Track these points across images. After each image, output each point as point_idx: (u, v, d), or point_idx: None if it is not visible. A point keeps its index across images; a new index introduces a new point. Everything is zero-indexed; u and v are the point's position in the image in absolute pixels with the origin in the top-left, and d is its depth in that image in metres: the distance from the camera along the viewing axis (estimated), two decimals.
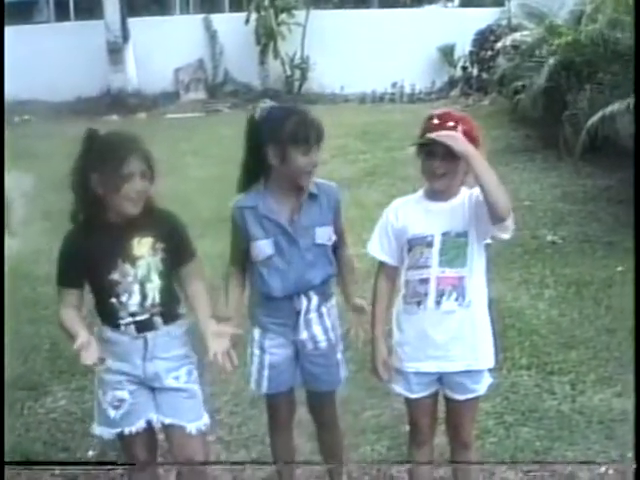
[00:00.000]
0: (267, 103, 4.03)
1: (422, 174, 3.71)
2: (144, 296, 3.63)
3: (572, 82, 11.68)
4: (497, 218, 3.52)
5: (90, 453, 4.88)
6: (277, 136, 3.65)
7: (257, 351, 3.96)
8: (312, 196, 3.81)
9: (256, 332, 3.96)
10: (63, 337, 6.29)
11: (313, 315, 3.87)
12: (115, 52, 19.32)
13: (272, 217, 3.78)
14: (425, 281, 3.69)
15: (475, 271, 3.70)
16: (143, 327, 3.67)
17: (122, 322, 3.64)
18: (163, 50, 19.23)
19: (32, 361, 6.11)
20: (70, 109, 18.45)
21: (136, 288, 3.62)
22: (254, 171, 3.83)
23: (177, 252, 3.72)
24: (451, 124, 3.61)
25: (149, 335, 3.68)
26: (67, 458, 4.83)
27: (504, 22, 17.70)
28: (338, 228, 3.92)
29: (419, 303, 3.72)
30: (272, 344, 3.93)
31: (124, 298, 3.62)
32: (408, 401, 3.93)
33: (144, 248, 3.61)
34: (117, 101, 18.70)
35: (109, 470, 4.65)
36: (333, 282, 4.03)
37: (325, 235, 3.84)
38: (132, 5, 20.66)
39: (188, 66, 20.27)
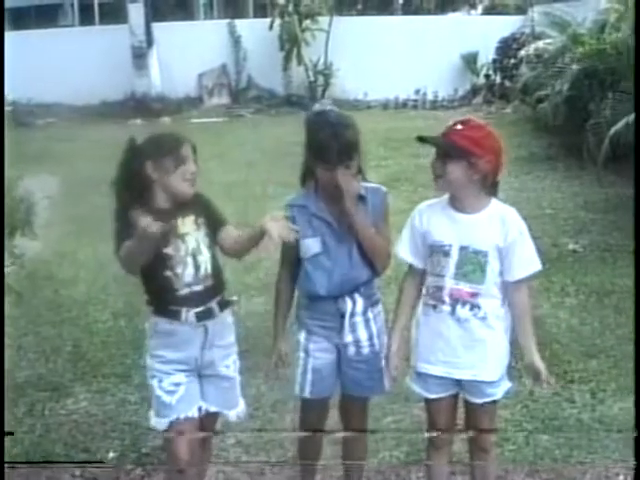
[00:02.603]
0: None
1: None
2: (197, 267, 3.80)
3: (595, 90, 11.64)
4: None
5: (110, 455, 4.90)
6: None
7: (302, 354, 3.97)
8: (361, 198, 3.84)
9: (302, 335, 3.97)
10: (85, 339, 6.41)
11: (359, 319, 3.87)
12: (139, 56, 19.43)
13: (321, 215, 3.84)
14: (440, 289, 3.71)
15: (494, 290, 3.71)
16: (203, 316, 3.82)
17: (180, 293, 3.78)
18: (187, 55, 19.34)
19: (54, 362, 6.14)
20: (94, 113, 18.56)
21: (189, 260, 3.79)
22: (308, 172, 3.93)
23: (214, 223, 3.90)
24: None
25: (209, 323, 3.84)
26: (87, 459, 4.84)
27: (527, 30, 17.73)
28: (382, 230, 3.90)
29: (435, 306, 3.73)
30: (316, 347, 3.93)
31: (179, 269, 3.78)
32: (427, 402, 3.93)
33: (188, 225, 3.82)
34: (141, 105, 18.80)
35: (129, 471, 4.69)
36: (378, 287, 4.03)
37: None
38: (156, 10, 20.79)
39: (212, 71, 20.36)
